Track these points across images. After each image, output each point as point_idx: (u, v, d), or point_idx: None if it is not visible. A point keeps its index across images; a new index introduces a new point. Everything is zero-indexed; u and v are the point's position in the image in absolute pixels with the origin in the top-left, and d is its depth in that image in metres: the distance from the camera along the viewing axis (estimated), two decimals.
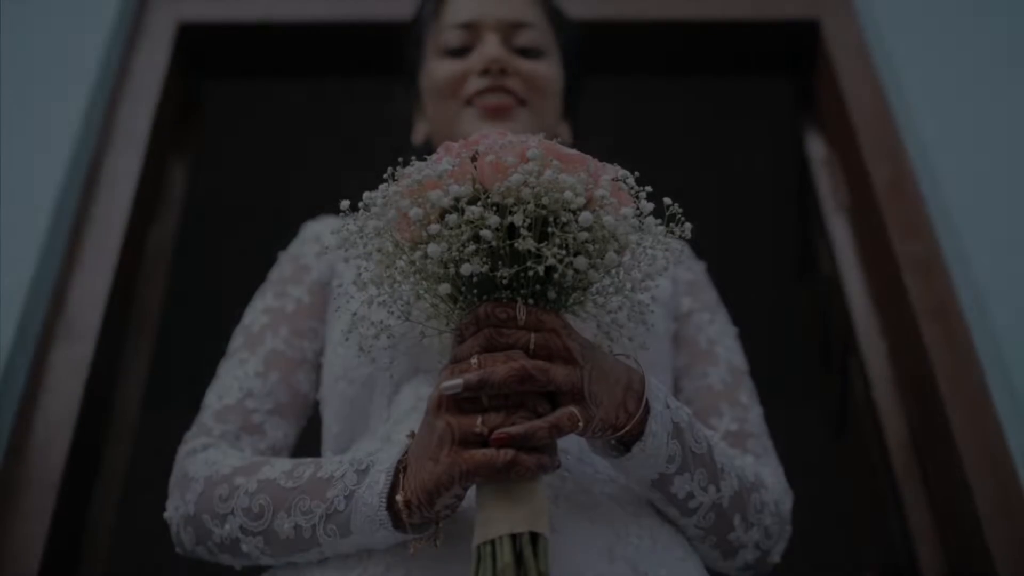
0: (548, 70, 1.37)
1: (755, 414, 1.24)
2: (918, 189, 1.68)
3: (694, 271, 1.37)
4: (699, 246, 1.36)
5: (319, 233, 1.33)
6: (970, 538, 1.37)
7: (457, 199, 0.88)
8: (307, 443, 1.25)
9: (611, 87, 2.41)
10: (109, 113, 1.74)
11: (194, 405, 1.22)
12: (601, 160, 0.97)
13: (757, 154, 2.91)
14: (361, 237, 0.94)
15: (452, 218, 0.88)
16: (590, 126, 1.66)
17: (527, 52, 1.37)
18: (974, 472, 1.39)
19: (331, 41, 1.93)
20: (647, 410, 0.96)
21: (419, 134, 1.46)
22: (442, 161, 0.90)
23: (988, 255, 1.55)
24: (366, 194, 0.95)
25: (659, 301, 1.23)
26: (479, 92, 1.32)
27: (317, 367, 1.24)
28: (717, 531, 1.06)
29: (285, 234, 1.44)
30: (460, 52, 1.38)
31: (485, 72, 1.33)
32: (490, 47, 1.34)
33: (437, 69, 1.38)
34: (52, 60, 1.75)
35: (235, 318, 1.31)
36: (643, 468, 0.98)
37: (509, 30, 1.37)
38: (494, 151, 0.90)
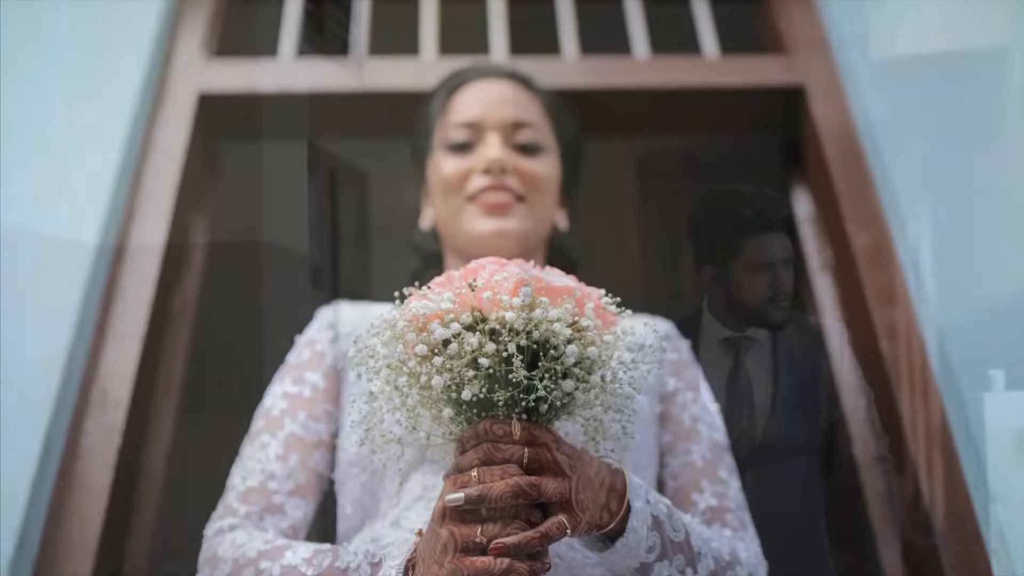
0: (545, 167, 1.48)
1: (734, 489, 1.35)
2: (896, 258, 1.78)
3: (680, 350, 1.48)
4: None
5: (333, 320, 1.44)
6: None
7: (457, 334, 1.00)
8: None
9: (613, 150, 2.51)
10: (135, 183, 1.85)
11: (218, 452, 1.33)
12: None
13: None
14: (371, 357, 1.05)
15: (453, 347, 1.00)
16: (594, 183, 1.75)
17: (527, 149, 1.48)
18: (942, 535, 1.49)
19: (344, 108, 2.03)
20: (628, 508, 1.07)
21: (426, 219, 1.57)
22: (444, 296, 1.01)
23: (959, 326, 1.66)
24: (372, 324, 1.06)
25: (645, 386, 1.34)
26: (481, 190, 1.43)
27: (332, 448, 1.35)
28: None
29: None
30: (464, 148, 1.49)
31: (486, 171, 1.44)
32: (492, 148, 1.45)
33: (443, 164, 1.49)
34: (80, 133, 1.86)
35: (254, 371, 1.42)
36: (625, 559, 1.10)
37: (510, 129, 1.48)
38: (491, 287, 1.01)
